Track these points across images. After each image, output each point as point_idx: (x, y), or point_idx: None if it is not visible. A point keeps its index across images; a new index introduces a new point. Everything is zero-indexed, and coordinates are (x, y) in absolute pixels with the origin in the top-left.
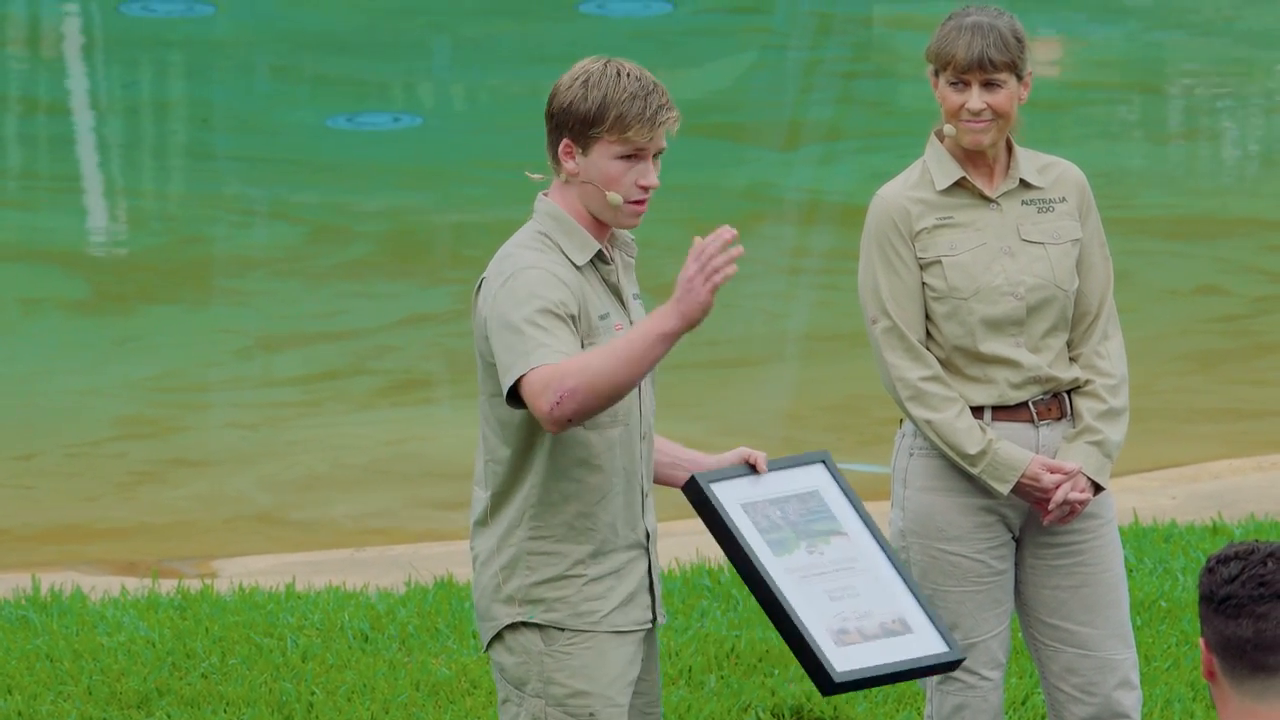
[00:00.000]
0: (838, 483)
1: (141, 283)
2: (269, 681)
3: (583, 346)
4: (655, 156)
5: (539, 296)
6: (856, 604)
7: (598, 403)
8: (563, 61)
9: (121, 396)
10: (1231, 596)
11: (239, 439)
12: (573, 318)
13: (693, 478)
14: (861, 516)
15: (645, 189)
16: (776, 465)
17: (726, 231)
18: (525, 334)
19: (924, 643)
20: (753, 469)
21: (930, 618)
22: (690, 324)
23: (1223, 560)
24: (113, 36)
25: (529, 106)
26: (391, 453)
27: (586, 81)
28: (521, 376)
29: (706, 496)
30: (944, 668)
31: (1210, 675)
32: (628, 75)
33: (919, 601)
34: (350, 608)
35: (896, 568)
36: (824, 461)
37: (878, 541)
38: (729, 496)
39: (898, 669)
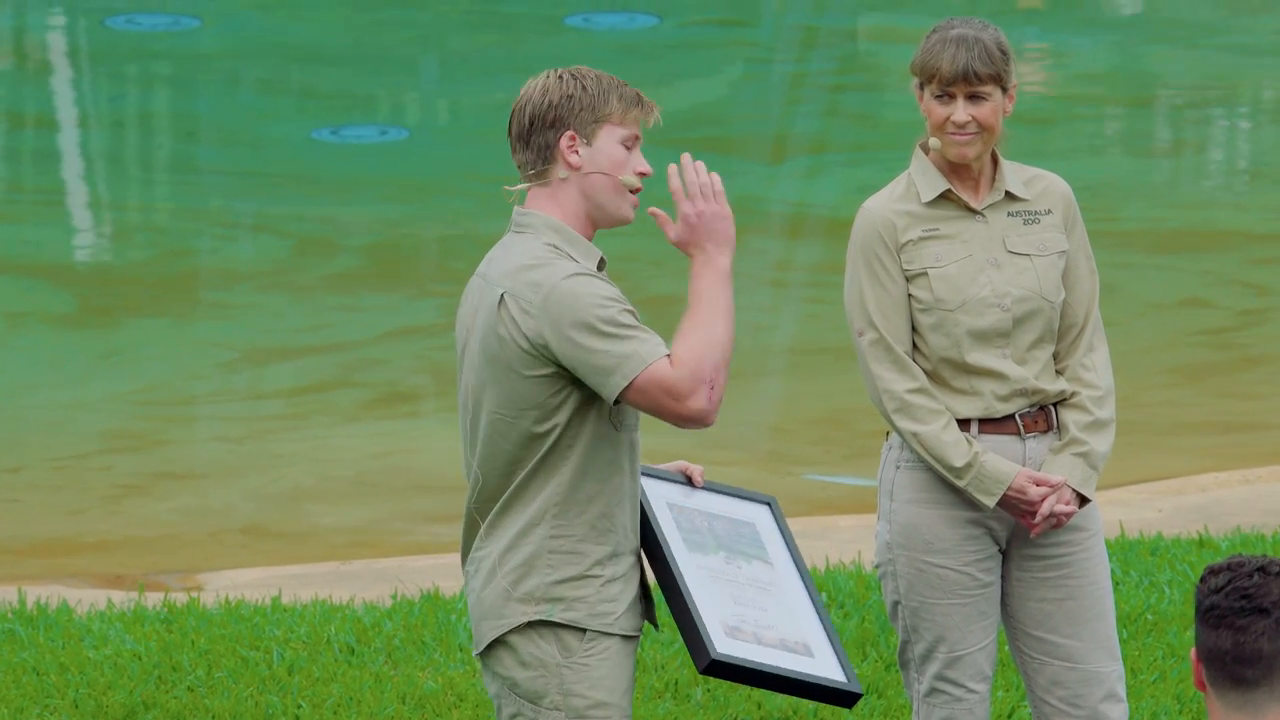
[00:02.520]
0: (778, 525)
1: (127, 296)
2: (255, 695)
3: None
4: None
5: (607, 296)
6: (762, 616)
7: (728, 373)
8: None
9: (107, 410)
10: (1215, 607)
11: (225, 452)
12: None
13: None
14: (793, 557)
15: (643, 175)
16: (721, 489)
17: (686, 157)
18: (619, 335)
19: (823, 667)
20: (689, 481)
21: (836, 651)
22: (733, 247)
23: (1214, 571)
24: (98, 50)
25: None
26: (378, 465)
27: (574, 76)
28: (636, 377)
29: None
30: (836, 697)
31: (1201, 686)
32: (599, 72)
33: (829, 637)
34: (336, 621)
35: (815, 606)
36: (769, 505)
37: (803, 580)
38: (657, 492)
39: (786, 674)
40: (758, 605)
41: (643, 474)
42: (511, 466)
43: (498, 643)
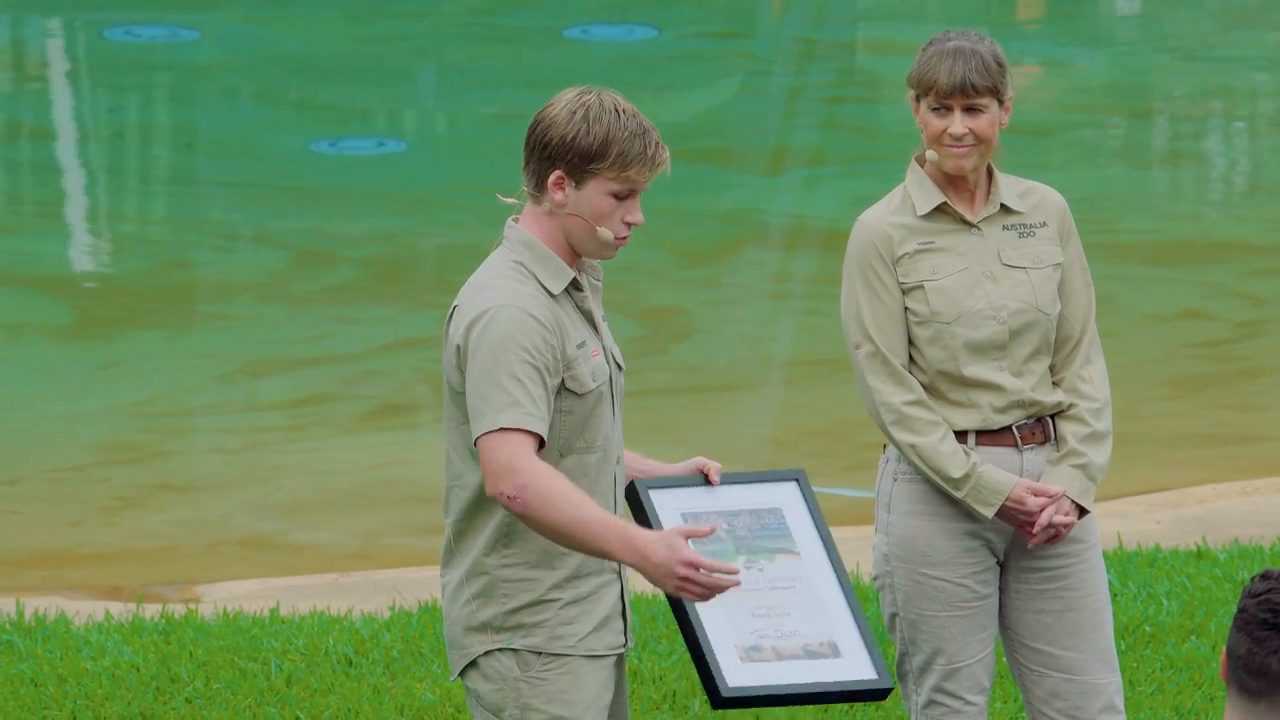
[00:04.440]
0: (806, 502)
1: (125, 308)
2: (253, 706)
3: (562, 383)
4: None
5: (516, 344)
6: (783, 623)
7: (538, 528)
8: (547, 87)
9: (105, 421)
10: (1244, 610)
11: (223, 464)
12: (548, 364)
13: (632, 483)
14: (823, 538)
15: (631, 226)
16: (745, 479)
17: (729, 578)
18: (501, 386)
19: (850, 667)
20: (706, 479)
21: (866, 644)
22: (640, 569)
23: (1264, 575)
24: (97, 61)
25: (513, 131)
26: (376, 477)
27: (587, 115)
28: (487, 432)
29: (641, 502)
30: (868, 695)
31: (1225, 678)
32: (625, 112)
33: (858, 627)
34: (334, 632)
35: (844, 592)
36: (797, 480)
37: (832, 564)
38: (668, 504)
39: (809, 689)
40: (780, 610)
41: (652, 488)
42: (461, 480)
43: None
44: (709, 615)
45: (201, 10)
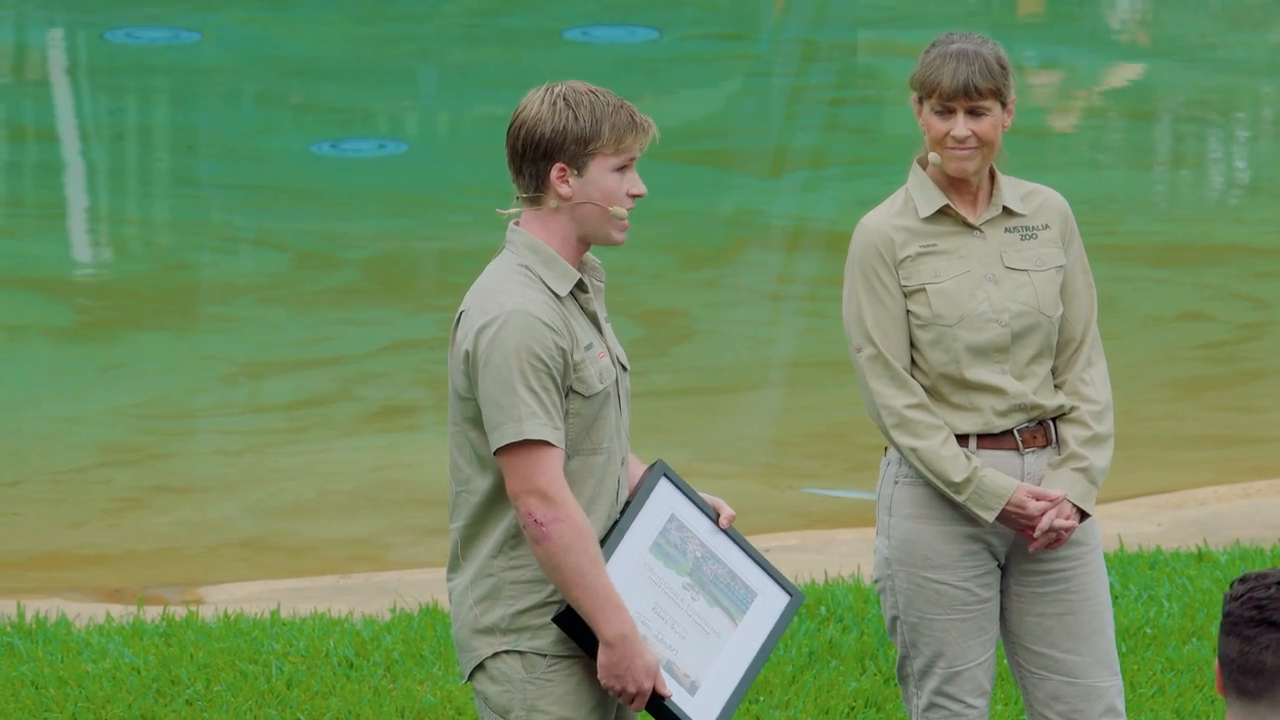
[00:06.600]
0: (782, 616)
1: (126, 309)
2: (254, 708)
3: (569, 386)
4: None
5: (529, 352)
6: (670, 636)
7: (545, 561)
8: None
9: (106, 423)
10: (1230, 614)
11: (224, 465)
12: (560, 370)
13: (660, 461)
14: (765, 643)
15: (636, 197)
16: (753, 554)
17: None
18: (518, 395)
19: (694, 708)
20: (715, 519)
21: (724, 707)
22: (612, 650)
23: (1242, 579)
24: (98, 63)
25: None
26: (377, 479)
27: (568, 103)
28: (512, 443)
29: (648, 479)
30: None
31: (1221, 690)
32: (597, 91)
33: (729, 698)
34: (335, 634)
35: (742, 680)
36: (793, 597)
37: (753, 660)
38: (669, 499)
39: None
40: (677, 628)
41: (670, 479)
42: (470, 485)
43: None
44: (615, 569)
45: (202, 12)
